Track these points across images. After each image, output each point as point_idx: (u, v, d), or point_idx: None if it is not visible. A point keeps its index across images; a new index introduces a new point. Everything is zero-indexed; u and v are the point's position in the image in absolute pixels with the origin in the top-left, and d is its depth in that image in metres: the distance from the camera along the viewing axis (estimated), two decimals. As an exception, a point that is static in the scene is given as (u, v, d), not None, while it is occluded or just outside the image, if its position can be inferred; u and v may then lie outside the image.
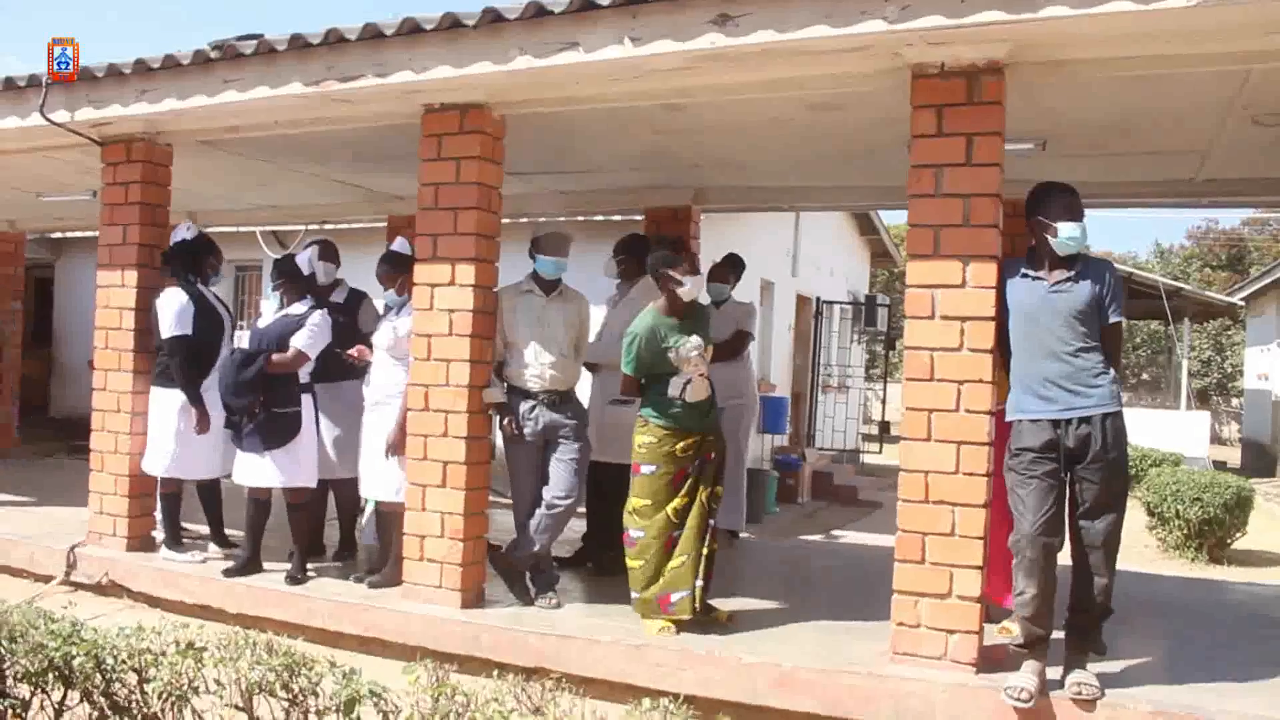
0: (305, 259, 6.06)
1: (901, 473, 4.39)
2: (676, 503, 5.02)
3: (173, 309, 5.99)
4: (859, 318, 17.79)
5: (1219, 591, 6.81)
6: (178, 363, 5.98)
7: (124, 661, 3.70)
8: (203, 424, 6.05)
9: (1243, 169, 6.66)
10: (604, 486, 6.15)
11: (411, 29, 4.91)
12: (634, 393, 5.19)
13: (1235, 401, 32.40)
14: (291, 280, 5.96)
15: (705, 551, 5.01)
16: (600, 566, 6.21)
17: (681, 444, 5.03)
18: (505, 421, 5.42)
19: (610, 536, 6.14)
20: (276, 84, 5.35)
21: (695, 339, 4.99)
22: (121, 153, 6.35)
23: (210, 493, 6.52)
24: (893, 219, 19.97)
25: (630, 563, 5.07)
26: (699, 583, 4.96)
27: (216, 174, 7.96)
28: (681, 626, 4.94)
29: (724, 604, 5.53)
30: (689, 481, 5.06)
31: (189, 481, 6.37)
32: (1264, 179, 6.90)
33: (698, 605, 4.95)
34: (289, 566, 5.80)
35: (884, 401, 19.32)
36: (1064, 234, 4.19)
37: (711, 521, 5.09)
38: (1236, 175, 6.85)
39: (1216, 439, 27.98)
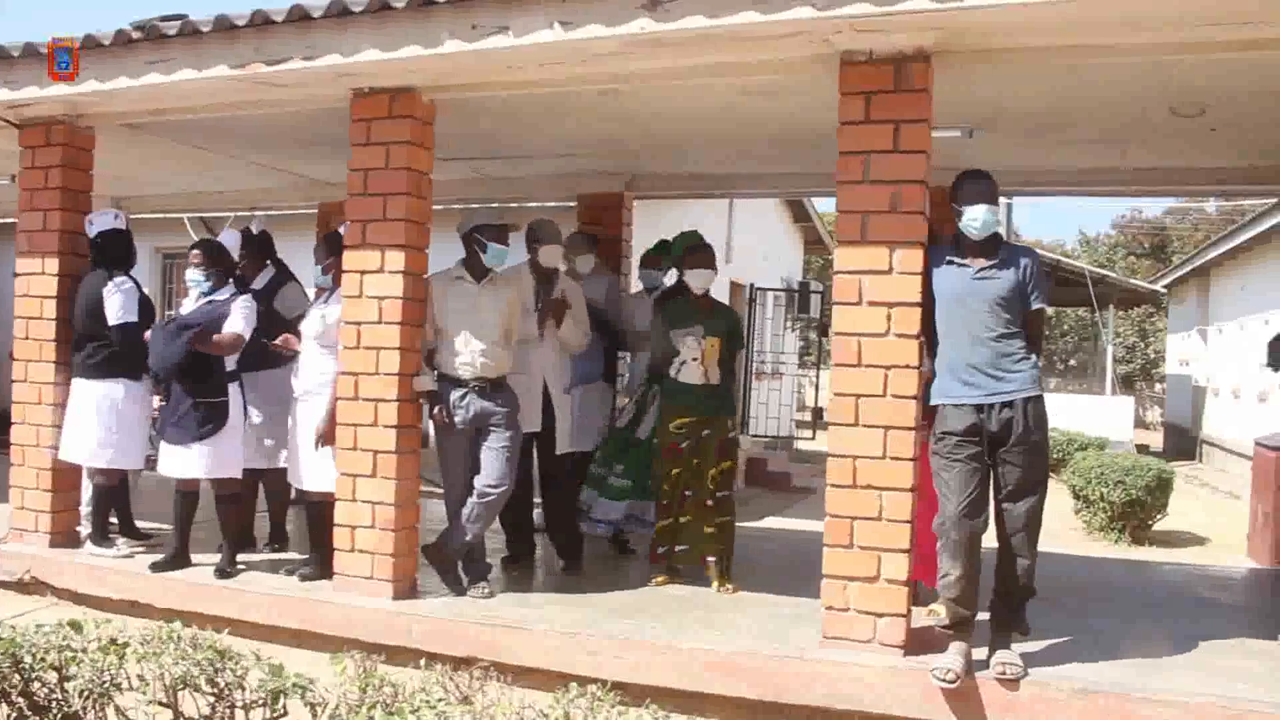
0: (230, 238, 5.94)
1: (830, 458, 4.43)
2: (675, 469, 5.67)
3: (120, 296, 5.87)
4: (792, 304, 17.90)
5: (1140, 571, 6.98)
6: (128, 349, 5.85)
7: (42, 659, 3.60)
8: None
9: (1164, 159, 6.82)
10: (570, 477, 6.26)
11: (340, 11, 4.83)
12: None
13: (1158, 386, 33.18)
14: (213, 267, 5.83)
15: (709, 528, 5.65)
16: (569, 559, 6.16)
17: (675, 421, 5.66)
18: (436, 410, 5.38)
19: (569, 526, 6.18)
20: (202, 66, 5.23)
21: (699, 328, 5.67)
22: (41, 136, 6.17)
23: (123, 485, 6.40)
24: (826, 206, 20.12)
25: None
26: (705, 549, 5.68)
27: (142, 158, 7.78)
28: (672, 580, 5.71)
29: (658, 590, 5.58)
30: (684, 455, 5.64)
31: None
32: (1185, 169, 7.07)
33: (678, 566, 5.74)
34: (219, 559, 5.71)
35: (818, 388, 19.48)
36: (967, 217, 4.28)
37: (705, 496, 5.67)
38: (1159, 165, 7.01)
39: (1140, 423, 28.63)
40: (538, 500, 6.53)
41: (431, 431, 5.54)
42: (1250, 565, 8.15)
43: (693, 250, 5.96)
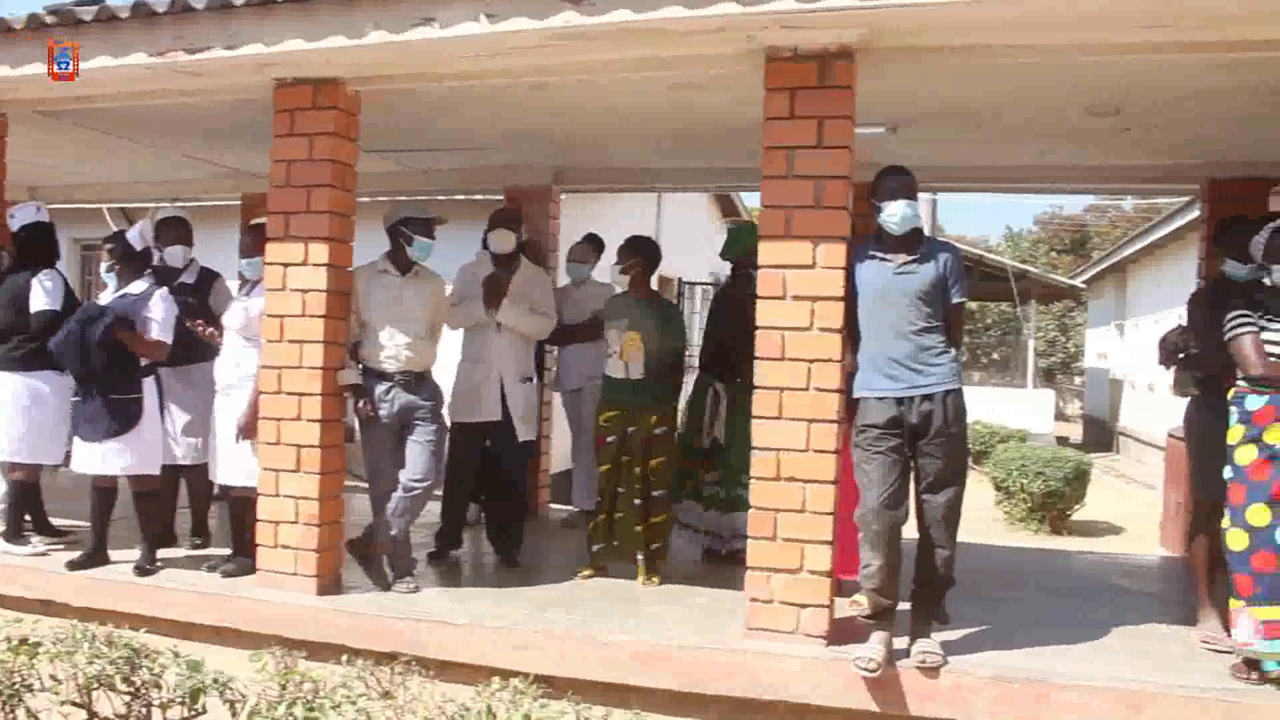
0: (136, 234, 5.81)
1: (754, 451, 4.47)
2: (603, 465, 5.74)
3: (47, 285, 5.79)
4: (721, 299, 17.94)
5: (1058, 560, 7.13)
6: (45, 339, 5.69)
7: (-51, 661, 3.52)
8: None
9: (1082, 156, 6.97)
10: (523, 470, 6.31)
11: (262, -1, 4.76)
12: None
13: (1078, 380, 33.91)
14: (125, 260, 5.72)
15: (640, 524, 5.62)
16: (506, 554, 6.15)
17: (604, 415, 5.74)
18: (360, 404, 5.33)
19: (515, 519, 6.21)
20: (120, 53, 5.11)
21: (624, 321, 5.70)
22: (-51, 123, 6.01)
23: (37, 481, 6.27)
24: (755, 201, 20.23)
25: None
26: (635, 546, 5.65)
27: (59, 146, 7.58)
28: (598, 573, 5.73)
29: (585, 584, 5.60)
30: (612, 449, 5.68)
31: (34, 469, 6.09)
32: (1102, 167, 7.24)
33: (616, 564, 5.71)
34: (138, 556, 5.59)
35: (747, 382, 19.57)
36: (885, 213, 4.35)
37: (633, 495, 5.63)
38: (1077, 163, 7.17)
39: (1061, 415, 29.22)
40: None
41: (357, 425, 5.49)
42: (1163, 553, 8.36)
43: (621, 247, 5.97)
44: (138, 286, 5.65)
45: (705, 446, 5.99)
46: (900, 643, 4.35)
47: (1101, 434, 22.45)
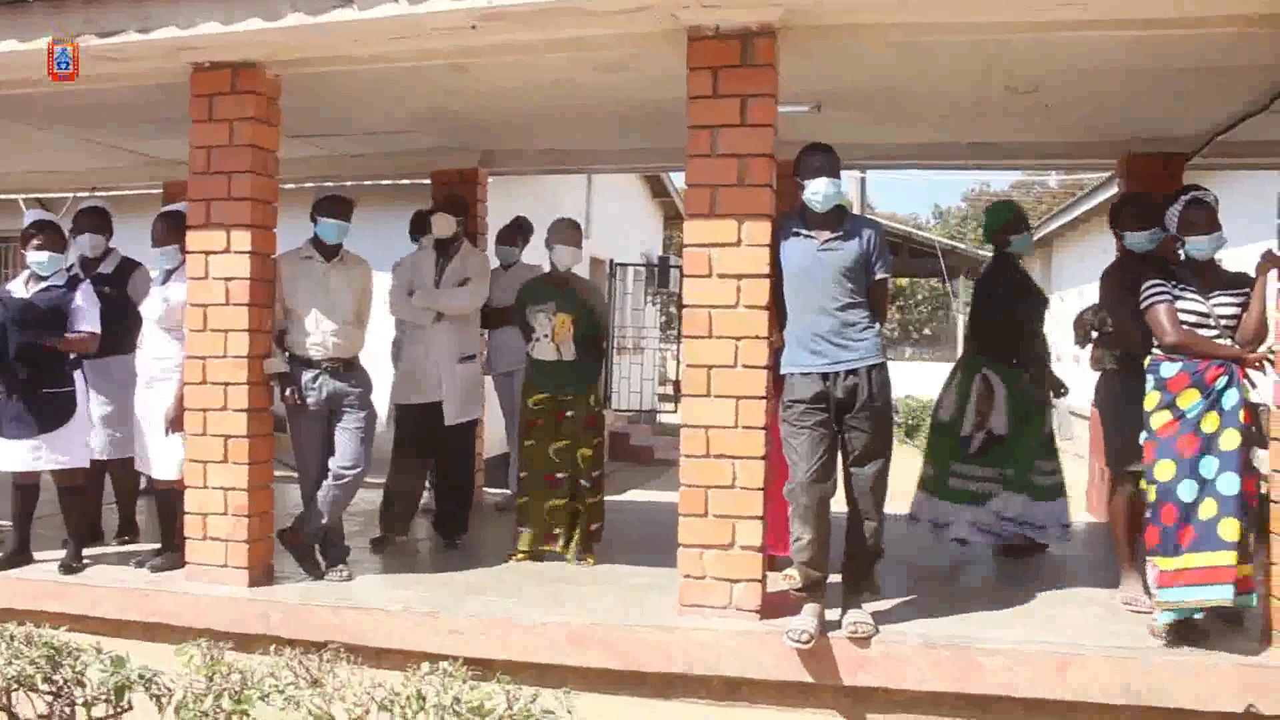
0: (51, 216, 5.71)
1: (683, 428, 4.50)
2: (526, 447, 5.79)
3: None
4: (652, 279, 18.03)
5: (987, 530, 7.24)
6: None
7: None
8: None
9: (1004, 134, 7.06)
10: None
11: (176, -20, 4.65)
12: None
13: (1008, 353, 34.41)
14: (44, 233, 5.55)
15: (557, 502, 5.71)
16: (449, 535, 6.21)
17: (533, 398, 5.76)
18: (288, 392, 5.26)
19: (460, 500, 6.27)
20: (27, 37, 4.96)
21: (551, 305, 5.72)
22: None
23: None
24: (683, 181, 20.31)
25: None
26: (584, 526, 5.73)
27: (-32, 136, 7.38)
28: (531, 554, 5.73)
29: (519, 566, 5.60)
30: (539, 431, 5.74)
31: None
32: (1024, 144, 7.33)
33: (547, 547, 5.74)
34: (63, 555, 5.48)
35: (679, 361, 19.66)
36: (809, 190, 4.38)
37: (562, 474, 5.71)
38: (1000, 140, 7.26)
39: (991, 389, 29.62)
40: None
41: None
42: (1088, 520, 8.57)
43: (558, 227, 5.93)
44: (59, 279, 5.52)
45: (971, 435, 5.59)
46: (832, 614, 4.40)
47: (1030, 406, 22.80)
